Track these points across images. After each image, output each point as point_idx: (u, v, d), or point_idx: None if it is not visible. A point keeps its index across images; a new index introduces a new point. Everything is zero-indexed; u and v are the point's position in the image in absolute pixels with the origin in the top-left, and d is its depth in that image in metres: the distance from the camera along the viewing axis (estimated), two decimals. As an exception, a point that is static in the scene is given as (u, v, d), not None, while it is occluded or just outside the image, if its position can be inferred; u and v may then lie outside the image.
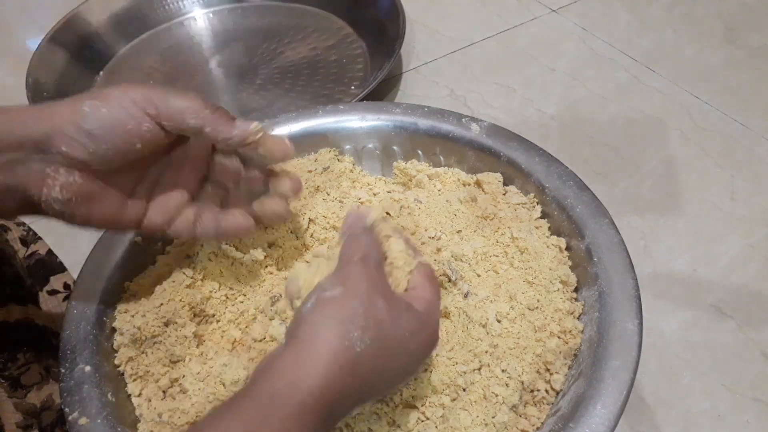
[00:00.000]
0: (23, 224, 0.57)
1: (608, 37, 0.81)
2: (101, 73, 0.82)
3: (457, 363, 0.40)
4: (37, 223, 0.56)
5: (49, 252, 0.55)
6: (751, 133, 0.67)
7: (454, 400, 0.39)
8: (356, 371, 0.30)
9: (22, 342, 0.46)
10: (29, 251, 0.54)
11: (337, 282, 0.32)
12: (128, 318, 0.43)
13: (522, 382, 0.40)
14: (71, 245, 0.59)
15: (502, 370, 0.40)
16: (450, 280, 0.43)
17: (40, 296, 0.52)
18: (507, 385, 0.40)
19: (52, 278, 0.52)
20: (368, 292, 0.31)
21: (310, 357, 0.29)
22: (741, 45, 0.79)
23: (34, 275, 0.53)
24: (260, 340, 0.43)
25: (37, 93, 0.70)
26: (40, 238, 0.56)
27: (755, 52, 0.78)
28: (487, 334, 0.41)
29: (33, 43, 0.81)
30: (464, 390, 0.40)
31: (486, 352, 0.41)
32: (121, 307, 0.44)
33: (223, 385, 0.40)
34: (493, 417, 0.39)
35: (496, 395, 0.40)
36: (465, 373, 0.40)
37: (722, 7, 0.85)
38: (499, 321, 0.41)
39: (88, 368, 0.40)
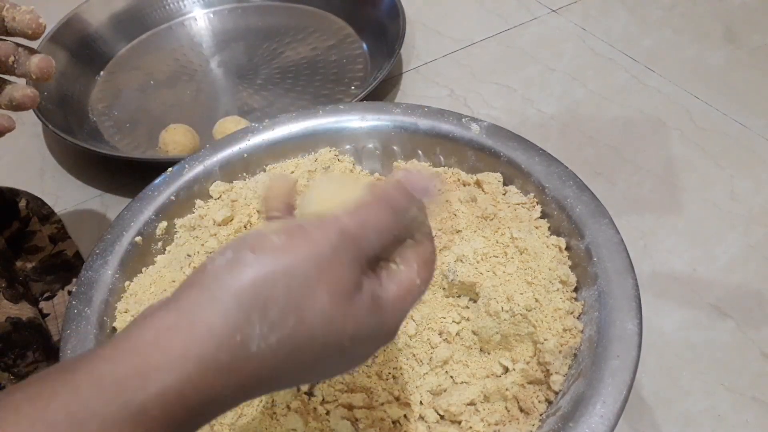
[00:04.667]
0: (58, 221, 0.57)
1: (608, 37, 0.81)
2: (102, 73, 0.82)
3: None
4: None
5: (77, 254, 0.56)
6: (751, 133, 0.67)
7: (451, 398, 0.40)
8: (243, 374, 0.21)
9: (32, 341, 0.46)
10: (56, 249, 0.54)
11: (283, 237, 0.22)
12: (128, 318, 0.43)
13: (522, 383, 0.40)
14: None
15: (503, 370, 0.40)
16: (449, 281, 0.43)
17: (60, 294, 0.52)
18: (506, 385, 0.40)
19: (74, 279, 0.53)
20: (310, 275, 0.22)
21: (177, 341, 0.21)
22: (741, 45, 0.79)
23: (57, 274, 0.53)
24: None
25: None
26: (69, 237, 0.56)
27: (755, 52, 0.78)
28: (487, 333, 0.41)
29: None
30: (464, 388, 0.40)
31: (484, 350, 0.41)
32: (121, 307, 0.44)
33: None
34: (493, 416, 0.39)
35: (496, 394, 0.40)
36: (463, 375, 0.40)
37: (722, 7, 0.85)
38: (498, 321, 0.41)
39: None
